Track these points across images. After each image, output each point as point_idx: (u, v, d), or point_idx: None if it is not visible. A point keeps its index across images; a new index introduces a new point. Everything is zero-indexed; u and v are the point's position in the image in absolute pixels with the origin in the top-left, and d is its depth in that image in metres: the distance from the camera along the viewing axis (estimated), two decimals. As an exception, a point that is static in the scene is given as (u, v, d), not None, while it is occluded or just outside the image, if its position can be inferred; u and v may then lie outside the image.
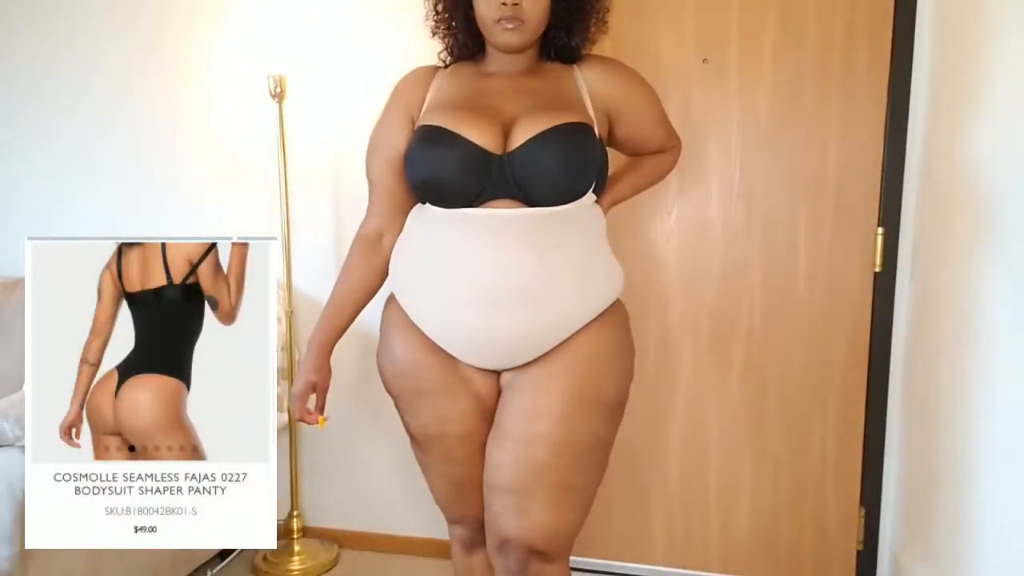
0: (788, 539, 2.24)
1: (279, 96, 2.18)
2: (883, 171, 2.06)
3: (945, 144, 1.84)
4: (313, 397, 1.54)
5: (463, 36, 1.52)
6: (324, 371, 1.53)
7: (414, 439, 1.52)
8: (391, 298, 1.50)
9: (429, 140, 1.40)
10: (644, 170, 1.66)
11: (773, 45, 2.08)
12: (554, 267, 1.35)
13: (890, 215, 2.07)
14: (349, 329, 1.55)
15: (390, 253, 1.51)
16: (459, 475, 1.49)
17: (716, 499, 2.26)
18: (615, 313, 1.46)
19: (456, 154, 1.36)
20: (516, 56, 1.48)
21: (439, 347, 1.42)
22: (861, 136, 2.06)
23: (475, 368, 1.43)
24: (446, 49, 1.57)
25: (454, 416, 1.44)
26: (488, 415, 1.45)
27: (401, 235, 1.49)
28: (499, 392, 1.45)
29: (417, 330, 1.43)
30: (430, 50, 1.59)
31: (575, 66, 1.52)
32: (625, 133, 1.55)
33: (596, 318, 1.41)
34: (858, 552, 2.21)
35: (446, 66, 1.57)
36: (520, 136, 1.36)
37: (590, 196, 1.42)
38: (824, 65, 2.06)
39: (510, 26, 1.41)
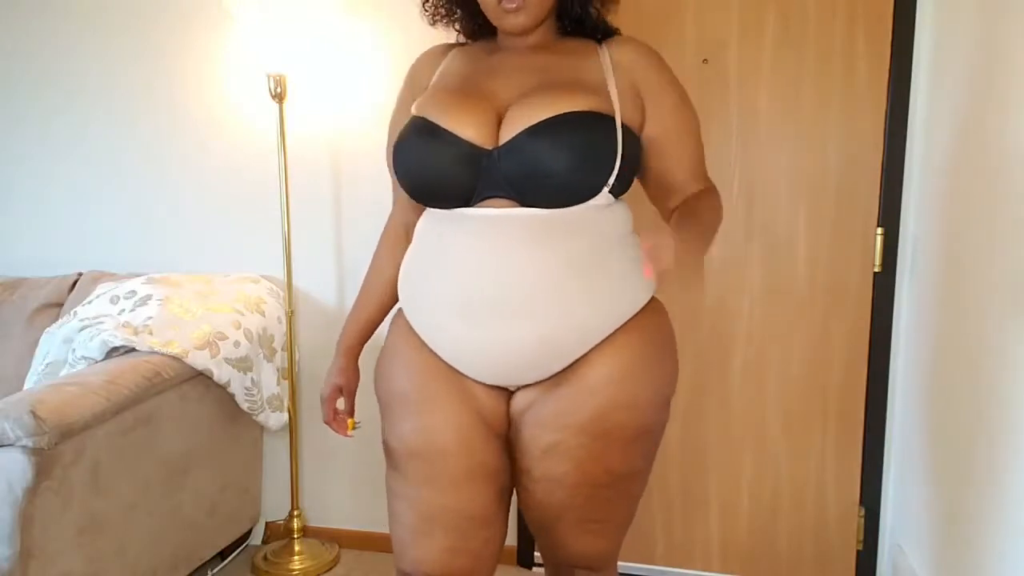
0: (788, 539, 2.24)
1: (279, 96, 2.18)
2: (883, 171, 2.06)
3: (953, 141, 1.83)
4: (341, 401, 1.49)
5: (468, 22, 1.42)
6: (349, 372, 1.48)
7: (390, 455, 1.34)
8: (399, 310, 1.39)
9: (410, 136, 1.27)
10: (698, 215, 1.28)
11: (773, 45, 2.08)
12: (555, 276, 1.20)
13: (890, 215, 2.07)
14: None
15: None
16: (435, 504, 1.28)
17: (716, 499, 2.27)
18: (646, 322, 1.29)
19: (439, 151, 1.24)
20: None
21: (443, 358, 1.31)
22: (861, 136, 2.07)
23: (480, 384, 1.30)
24: (460, 32, 1.45)
25: (446, 428, 1.28)
26: (490, 437, 1.30)
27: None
28: (508, 414, 1.32)
29: (421, 340, 1.33)
30: (432, 50, 1.58)
31: (604, 44, 1.35)
32: (649, 133, 1.33)
33: (621, 329, 1.26)
34: (858, 552, 2.21)
35: (464, 44, 1.45)
36: (512, 127, 1.22)
37: (606, 196, 1.24)
38: (824, 65, 2.06)
39: (512, 6, 1.27)
